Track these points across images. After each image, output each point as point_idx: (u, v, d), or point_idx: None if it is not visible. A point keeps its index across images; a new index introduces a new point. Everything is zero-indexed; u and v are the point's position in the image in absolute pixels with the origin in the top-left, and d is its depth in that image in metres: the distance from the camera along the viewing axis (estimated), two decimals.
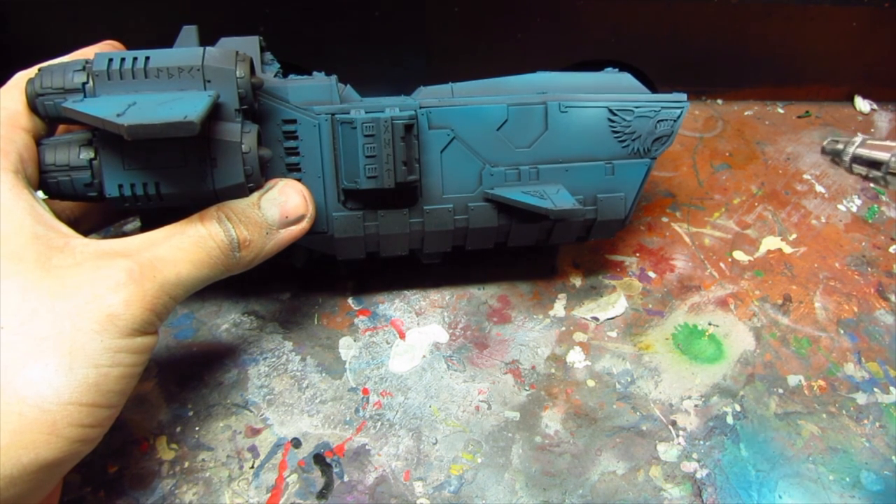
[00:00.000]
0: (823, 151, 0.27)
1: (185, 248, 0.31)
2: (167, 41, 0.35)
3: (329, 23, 0.52)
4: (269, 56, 0.38)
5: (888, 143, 0.25)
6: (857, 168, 0.25)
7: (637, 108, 0.39)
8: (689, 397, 0.41)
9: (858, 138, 0.26)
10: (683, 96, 0.40)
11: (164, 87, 0.31)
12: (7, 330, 0.27)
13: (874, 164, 0.25)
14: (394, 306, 0.44)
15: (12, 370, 0.27)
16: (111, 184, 0.31)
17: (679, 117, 0.40)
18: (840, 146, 0.26)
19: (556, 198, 0.37)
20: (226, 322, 0.43)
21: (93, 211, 0.38)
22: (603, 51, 0.55)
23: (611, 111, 0.39)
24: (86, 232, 0.36)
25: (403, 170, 0.35)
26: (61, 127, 0.35)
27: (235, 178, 0.32)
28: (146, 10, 0.49)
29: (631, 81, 0.41)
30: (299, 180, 0.36)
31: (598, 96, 0.39)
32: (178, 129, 0.27)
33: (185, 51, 0.32)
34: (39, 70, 0.32)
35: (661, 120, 0.40)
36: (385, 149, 0.35)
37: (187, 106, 0.29)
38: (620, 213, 0.40)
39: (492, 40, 0.54)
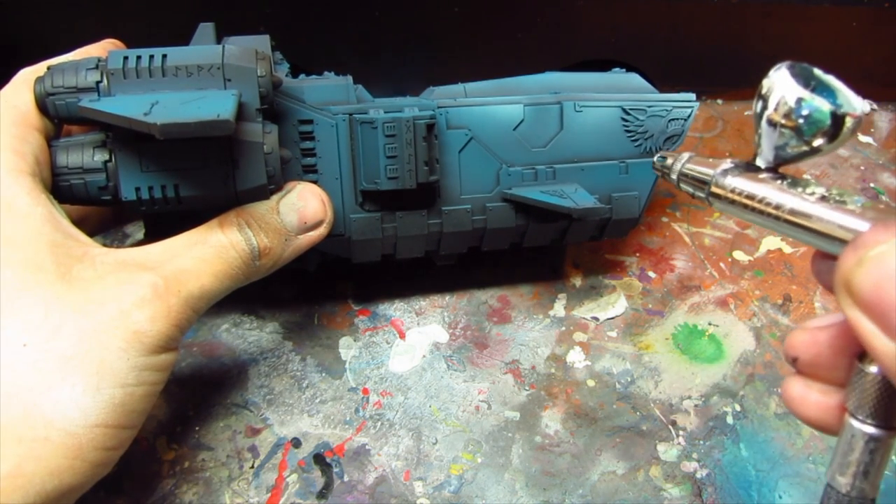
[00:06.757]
0: (654, 167, 0.27)
1: (208, 259, 0.30)
2: (166, 41, 0.34)
3: (329, 23, 0.52)
4: (278, 55, 0.38)
5: (711, 160, 0.24)
6: (684, 186, 0.25)
7: (650, 107, 0.39)
8: (689, 397, 0.41)
9: (686, 155, 0.26)
10: (692, 96, 0.40)
11: (183, 85, 0.30)
12: (32, 348, 0.26)
13: (699, 182, 0.25)
14: (394, 306, 0.44)
15: (39, 391, 0.25)
16: (128, 186, 0.30)
17: (689, 116, 0.40)
18: (668, 162, 0.26)
19: (577, 197, 0.37)
20: (226, 322, 0.43)
21: (95, 213, 0.37)
22: (603, 51, 0.55)
23: (624, 111, 0.39)
24: (89, 234, 0.36)
25: (425, 170, 0.35)
26: (65, 129, 0.33)
27: (258, 180, 0.31)
28: (146, 10, 0.49)
29: (640, 81, 0.41)
30: (316, 182, 0.35)
31: (611, 96, 0.39)
32: (213, 128, 0.26)
33: (204, 48, 0.31)
34: (49, 68, 0.31)
35: (673, 119, 0.40)
36: (407, 149, 0.34)
37: (215, 105, 0.28)
38: (634, 211, 0.40)
39: (492, 40, 0.54)
